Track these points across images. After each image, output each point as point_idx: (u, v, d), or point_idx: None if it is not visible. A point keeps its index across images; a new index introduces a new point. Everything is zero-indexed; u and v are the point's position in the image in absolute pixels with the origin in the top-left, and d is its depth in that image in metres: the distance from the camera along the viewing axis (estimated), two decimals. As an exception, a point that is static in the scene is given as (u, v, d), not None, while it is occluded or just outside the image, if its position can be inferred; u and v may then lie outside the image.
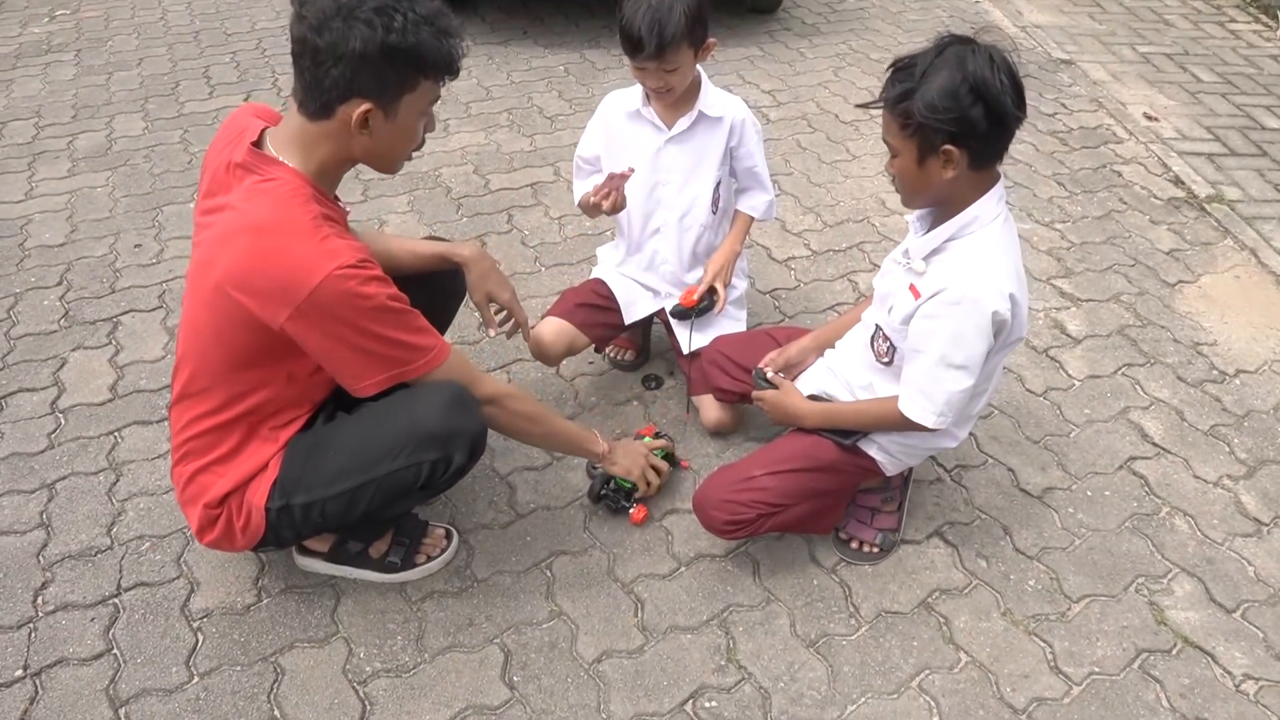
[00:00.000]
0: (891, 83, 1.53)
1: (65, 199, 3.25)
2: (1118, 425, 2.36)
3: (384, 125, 1.45)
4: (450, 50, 1.45)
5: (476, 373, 1.67)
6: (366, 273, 1.41)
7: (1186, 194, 3.39)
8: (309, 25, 1.36)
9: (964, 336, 1.58)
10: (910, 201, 1.66)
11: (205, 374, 1.56)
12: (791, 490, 1.78)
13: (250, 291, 1.42)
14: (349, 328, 1.43)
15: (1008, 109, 1.48)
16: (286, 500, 1.62)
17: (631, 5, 1.90)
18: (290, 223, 1.41)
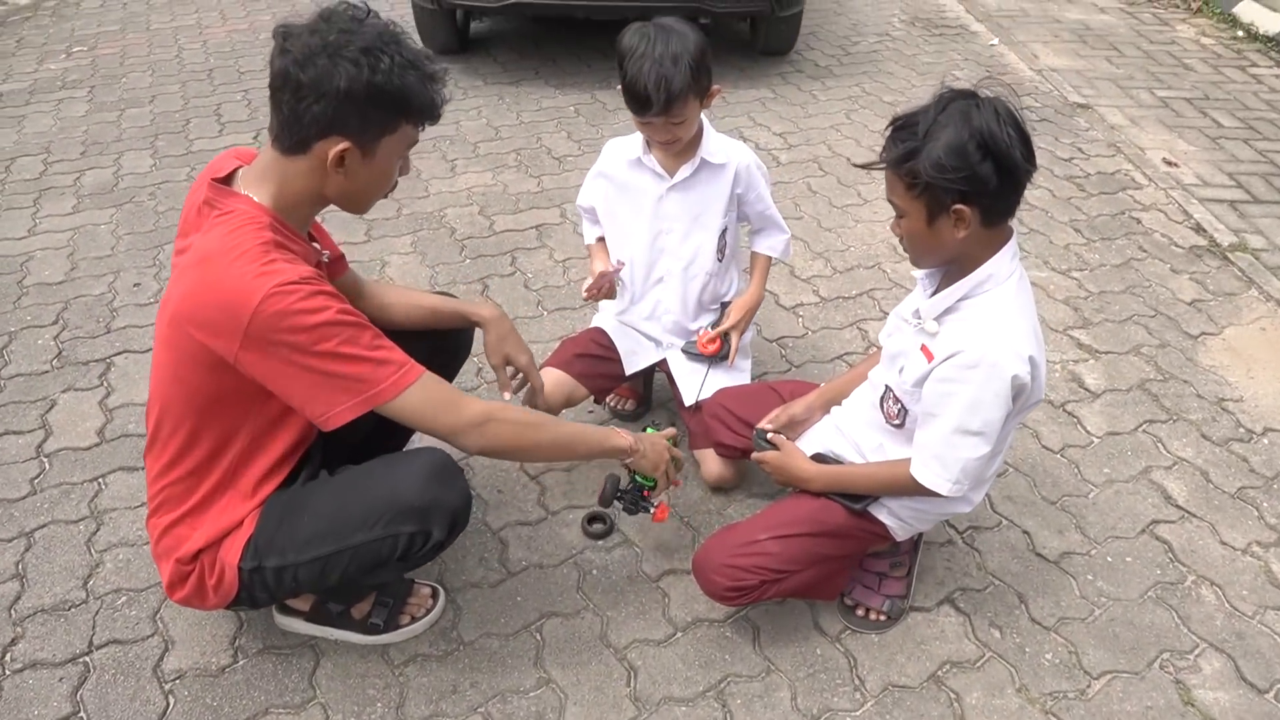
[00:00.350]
0: (893, 142, 1.46)
1: (68, 236, 3.23)
2: (1139, 486, 2.26)
3: (360, 165, 1.41)
4: (434, 95, 1.42)
5: (458, 394, 1.49)
6: (310, 287, 1.32)
7: (1209, 242, 3.30)
8: (293, 59, 1.32)
9: (982, 402, 1.49)
10: (919, 262, 1.60)
11: (170, 417, 1.50)
12: (797, 556, 1.69)
13: (199, 324, 1.36)
14: (298, 350, 1.32)
15: (1018, 163, 1.41)
16: (259, 561, 1.55)
17: (634, 62, 1.84)
18: (234, 249, 1.34)
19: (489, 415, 1.48)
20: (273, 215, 1.41)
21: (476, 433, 1.47)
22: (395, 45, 1.36)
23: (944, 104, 1.42)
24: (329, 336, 1.33)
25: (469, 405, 1.48)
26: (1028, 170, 1.43)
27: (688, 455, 2.28)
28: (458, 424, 1.45)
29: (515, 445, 1.55)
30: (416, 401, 1.41)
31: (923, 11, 5.61)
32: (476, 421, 1.46)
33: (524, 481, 2.23)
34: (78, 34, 5.15)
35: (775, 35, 4.69)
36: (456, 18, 4.64)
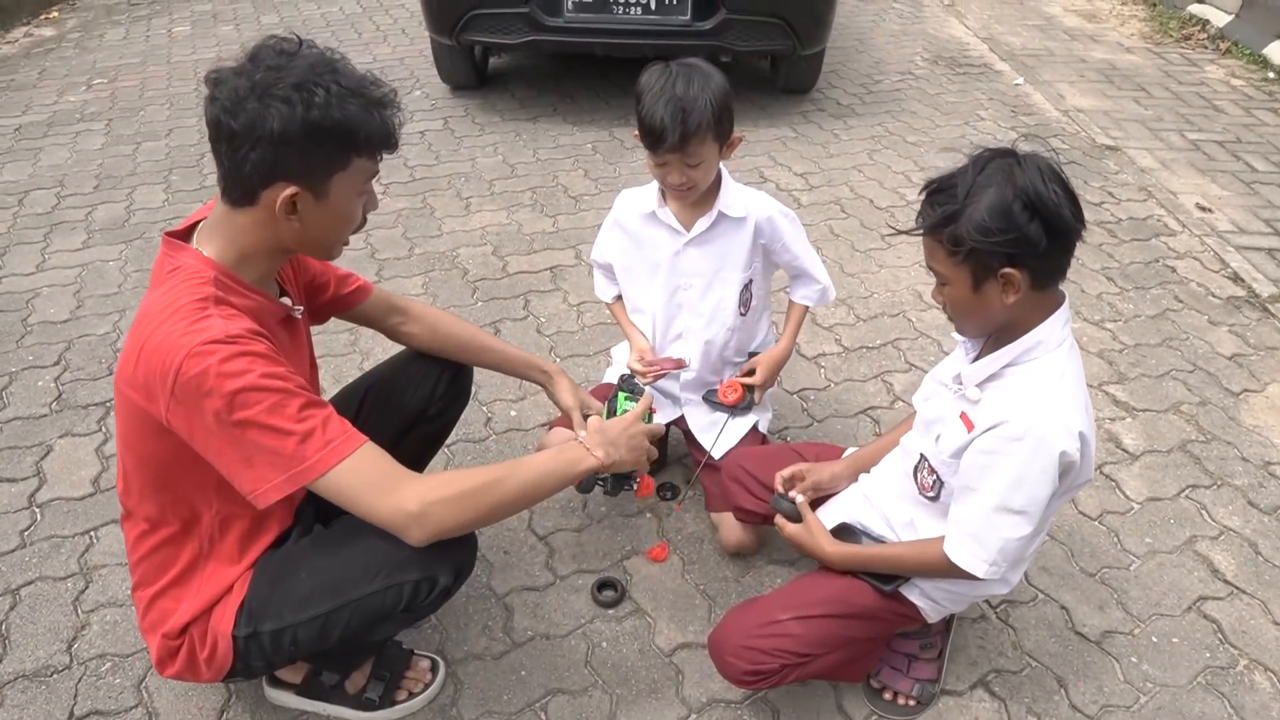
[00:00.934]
0: (930, 206, 1.37)
1: (76, 272, 3.18)
2: (1183, 558, 2.13)
3: (314, 209, 1.31)
4: (383, 122, 1.29)
5: (396, 474, 1.30)
6: (236, 348, 1.21)
7: (1247, 293, 3.17)
8: (222, 107, 1.23)
9: (1026, 479, 1.38)
10: (965, 330, 1.50)
11: (133, 487, 1.42)
12: (822, 639, 1.58)
13: (134, 386, 1.27)
14: (218, 417, 1.20)
15: (1068, 222, 1.31)
16: (255, 627, 1.44)
17: (652, 96, 1.76)
18: (170, 306, 1.25)
19: (425, 500, 1.28)
20: (220, 269, 1.31)
21: (416, 525, 1.28)
22: (331, 75, 1.25)
23: (982, 164, 1.34)
24: (248, 404, 1.20)
25: (404, 489, 1.28)
26: (1078, 229, 1.34)
27: (705, 516, 2.17)
28: (392, 513, 1.28)
29: (469, 520, 1.35)
30: (345, 481, 1.25)
31: (945, 50, 5.54)
32: (413, 511, 1.27)
33: (531, 542, 2.13)
34: (99, 66, 5.17)
35: (797, 74, 4.62)
36: (475, 54, 4.61)
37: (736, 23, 4.02)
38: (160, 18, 6.01)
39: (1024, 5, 6.51)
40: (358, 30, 5.69)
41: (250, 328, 1.27)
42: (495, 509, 1.38)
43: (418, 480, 1.31)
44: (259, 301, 1.37)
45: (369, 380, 1.89)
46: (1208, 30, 5.78)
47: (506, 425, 2.49)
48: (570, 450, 1.48)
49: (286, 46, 1.26)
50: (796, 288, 2.14)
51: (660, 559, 2.08)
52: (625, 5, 3.99)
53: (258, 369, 1.22)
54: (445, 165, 3.99)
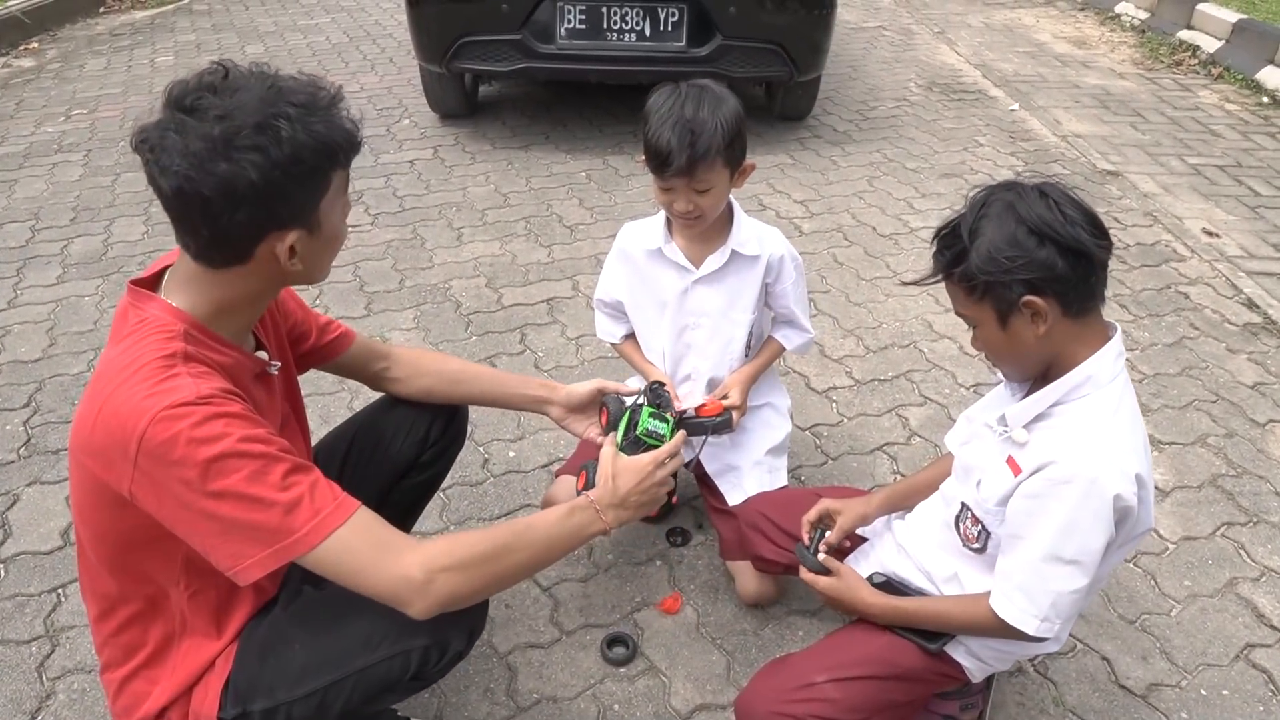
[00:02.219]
0: (939, 253, 1.33)
1: (49, 309, 3.03)
2: (1225, 601, 2.01)
3: (311, 243, 1.19)
4: (345, 127, 1.17)
5: (396, 541, 1.17)
6: (209, 410, 1.07)
7: (1263, 319, 3.09)
8: (183, 177, 1.06)
9: (1078, 525, 1.27)
10: (1009, 373, 1.41)
11: (89, 563, 1.27)
12: (862, 703, 1.44)
13: (92, 453, 1.13)
14: (190, 487, 1.06)
15: (1084, 241, 1.23)
16: (243, 707, 1.29)
17: (659, 117, 1.65)
18: (132, 364, 1.11)
19: (430, 568, 1.15)
20: (191, 322, 1.18)
21: (420, 595, 1.15)
22: (281, 99, 1.11)
23: (982, 201, 1.29)
24: (227, 472, 1.07)
25: (406, 557, 1.15)
26: (1099, 246, 1.25)
27: (719, 564, 2.04)
28: (395, 583, 1.14)
29: (477, 589, 1.22)
30: (338, 553, 1.12)
31: (939, 77, 5.51)
32: (417, 580, 1.14)
33: (535, 595, 1.99)
34: (79, 96, 5.05)
35: (793, 100, 4.56)
36: (465, 82, 4.52)
37: (733, 49, 3.95)
38: (143, 48, 5.90)
39: (1014, 32, 6.52)
40: (345, 60, 5.60)
41: (223, 387, 1.13)
42: (504, 578, 1.26)
43: (420, 547, 1.18)
44: (234, 358, 1.23)
45: (354, 428, 1.74)
46: (1199, 56, 5.78)
47: (505, 467, 2.36)
48: (578, 515, 1.35)
49: (215, 81, 1.11)
50: (780, 328, 1.99)
51: (673, 611, 1.95)
52: (619, 31, 3.91)
53: (235, 432, 1.08)
54: (436, 195, 3.88)
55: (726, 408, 1.85)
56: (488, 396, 1.79)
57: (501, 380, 1.83)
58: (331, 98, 1.17)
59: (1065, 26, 6.70)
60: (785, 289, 1.91)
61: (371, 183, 3.97)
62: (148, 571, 1.25)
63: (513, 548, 1.26)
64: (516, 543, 1.27)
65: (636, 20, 3.89)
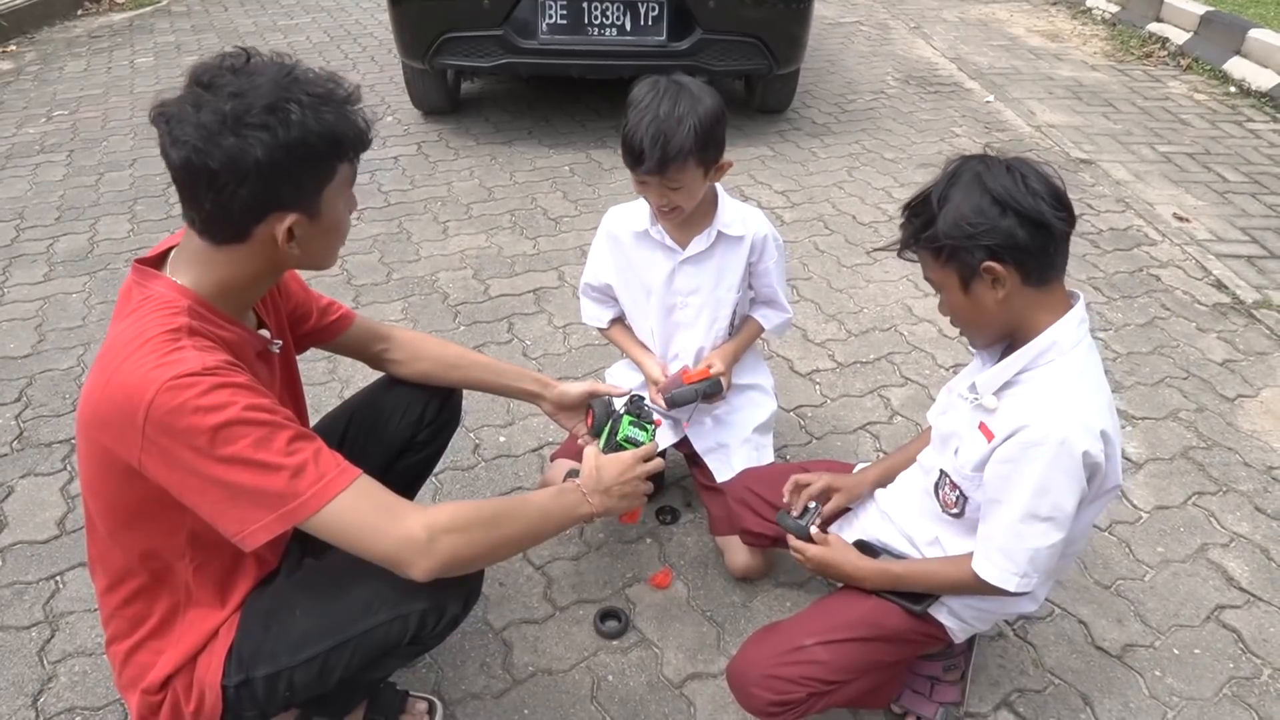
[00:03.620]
0: (908, 221, 1.39)
1: (37, 306, 3.04)
2: (1197, 566, 2.08)
3: (311, 229, 1.22)
4: (358, 122, 1.22)
5: (398, 505, 1.20)
6: (215, 379, 1.11)
7: (1232, 299, 3.18)
8: (192, 148, 1.10)
9: (1051, 483, 1.33)
10: (975, 339, 1.46)
11: (97, 535, 1.31)
12: (849, 664, 1.49)
13: (99, 425, 1.16)
14: (198, 453, 1.10)
15: (1044, 213, 1.29)
16: (247, 673, 1.33)
17: (637, 114, 1.68)
18: (137, 338, 1.15)
19: (433, 528, 1.18)
20: (195, 298, 1.21)
21: (424, 555, 1.17)
22: (297, 86, 1.15)
23: (953, 172, 1.35)
24: (233, 439, 1.10)
25: (409, 519, 1.18)
26: (1059, 218, 1.31)
27: (708, 539, 2.09)
28: (398, 544, 1.17)
29: (477, 554, 1.26)
30: (342, 516, 1.15)
31: (915, 70, 5.59)
32: (421, 539, 1.17)
33: (528, 573, 2.03)
34: (59, 98, 5.03)
35: (772, 94, 4.62)
36: (447, 78, 4.55)
37: (712, 43, 4.01)
38: (122, 49, 5.89)
39: (988, 27, 6.61)
40: (326, 59, 5.61)
41: (227, 359, 1.17)
42: (502, 545, 1.30)
43: (424, 509, 1.21)
44: (237, 334, 1.27)
45: (352, 407, 1.78)
46: (1168, 47, 5.90)
47: (496, 451, 2.40)
48: (568, 496, 1.42)
49: (237, 63, 1.15)
50: (759, 308, 2.04)
51: (664, 586, 2.00)
52: (600, 26, 3.96)
53: (240, 400, 1.12)
54: (421, 190, 3.92)
55: (714, 374, 1.90)
56: (483, 384, 1.83)
57: (498, 369, 1.86)
58: (347, 94, 1.21)
59: (1038, 20, 6.80)
60: (768, 267, 1.96)
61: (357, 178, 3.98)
62: (154, 544, 1.28)
63: (511, 516, 1.31)
64: (515, 512, 1.32)
65: (617, 15, 3.94)
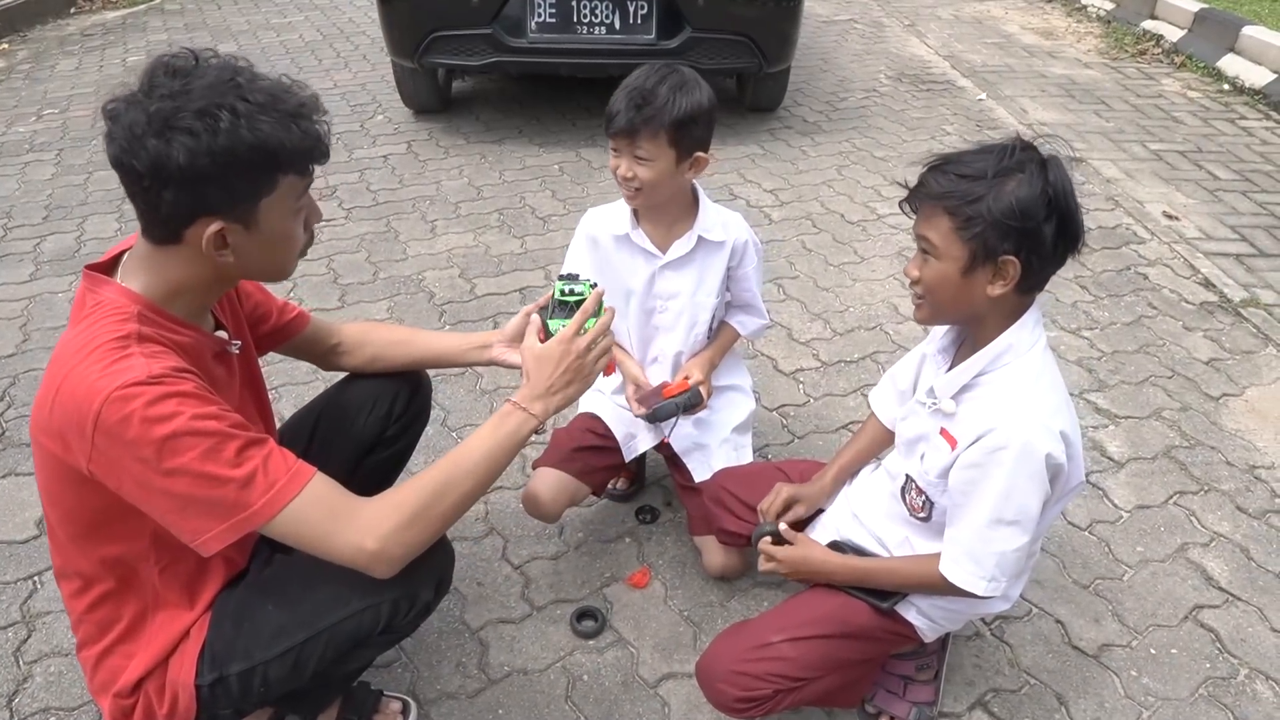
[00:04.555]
0: (944, 174, 1.30)
1: (22, 305, 3.04)
2: (1176, 566, 2.08)
3: (247, 239, 1.20)
4: (304, 134, 1.17)
5: (347, 507, 1.19)
6: (162, 388, 1.10)
7: (1219, 298, 3.17)
8: (119, 147, 1.10)
9: (1016, 488, 1.32)
10: (933, 316, 1.42)
11: (59, 542, 1.30)
12: (816, 661, 1.50)
13: (51, 434, 1.16)
14: (147, 465, 1.09)
15: (1079, 232, 1.29)
16: (220, 671, 1.33)
17: (626, 82, 1.71)
18: (86, 345, 1.14)
19: (380, 534, 1.18)
20: (146, 303, 1.20)
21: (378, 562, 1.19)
22: (236, 92, 1.12)
23: (1012, 150, 1.29)
24: (180, 450, 1.09)
25: (357, 525, 1.18)
26: (1079, 242, 1.31)
27: (687, 539, 2.09)
28: (352, 553, 1.18)
29: (429, 536, 1.25)
30: (294, 523, 1.15)
31: (908, 68, 5.58)
32: (372, 549, 1.17)
33: (506, 572, 2.03)
34: (50, 96, 5.03)
35: (763, 92, 4.62)
36: (438, 77, 4.55)
37: (702, 41, 4.00)
38: (114, 48, 5.88)
39: (982, 25, 6.60)
40: (318, 57, 5.61)
41: (176, 365, 1.15)
42: (451, 512, 1.28)
43: (369, 510, 1.21)
44: (192, 337, 1.26)
45: (319, 406, 1.77)
46: (1162, 45, 5.88)
47: (477, 451, 2.40)
48: (508, 422, 1.33)
49: (181, 65, 1.13)
50: (736, 314, 2.02)
51: (642, 585, 2.00)
52: (589, 25, 3.95)
53: (187, 410, 1.11)
54: (409, 189, 3.91)
55: (693, 385, 1.89)
56: (431, 353, 1.76)
57: (442, 337, 1.84)
58: (297, 105, 1.18)
59: (1033, 18, 6.79)
60: (747, 273, 1.95)
61: (345, 177, 3.99)
62: (117, 548, 1.28)
63: (452, 482, 1.27)
64: (454, 475, 1.27)
65: (606, 13, 3.93)
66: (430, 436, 2.39)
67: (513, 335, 1.72)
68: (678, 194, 1.83)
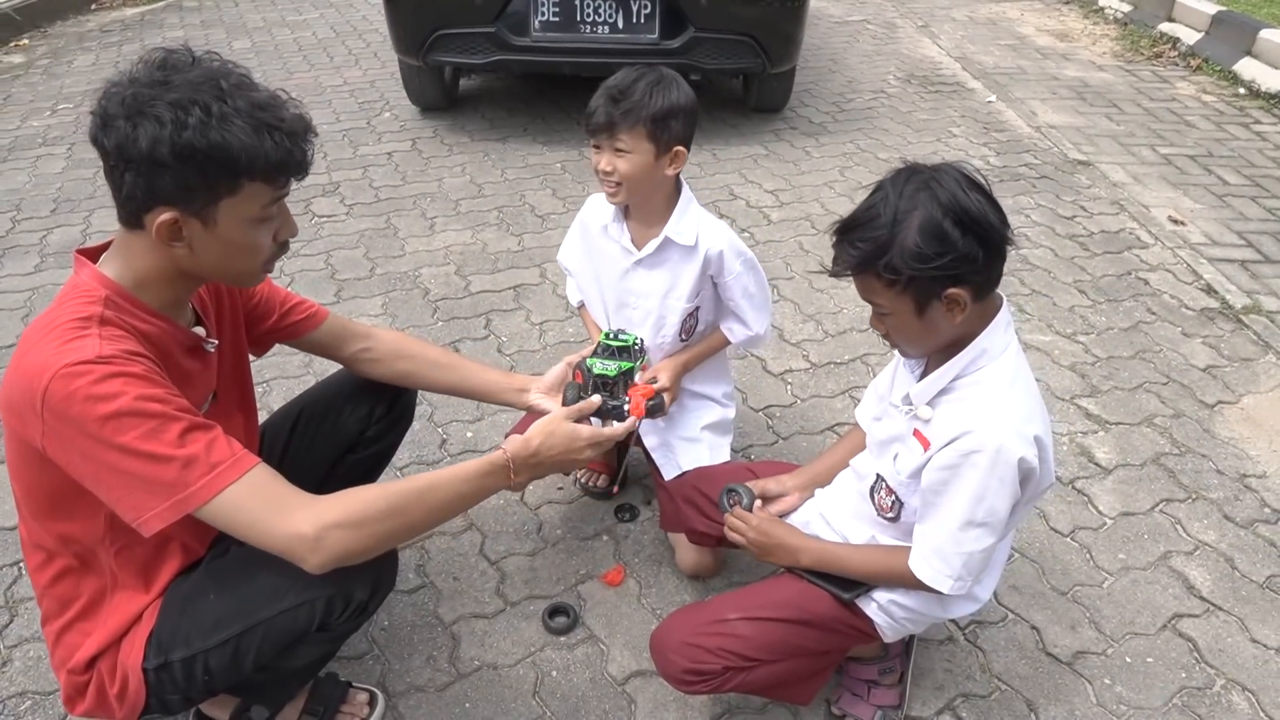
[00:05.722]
0: (850, 244, 1.29)
1: (25, 296, 3.10)
2: (1158, 574, 2.06)
3: (203, 236, 1.21)
4: (275, 145, 1.18)
5: (289, 497, 1.20)
6: (109, 369, 1.12)
7: (1220, 304, 3.13)
8: (97, 124, 1.16)
9: (988, 491, 1.32)
10: (910, 352, 1.44)
11: (24, 516, 1.34)
12: (770, 643, 1.49)
13: (9, 409, 1.19)
14: (92, 440, 1.12)
15: (996, 228, 1.26)
16: (165, 657, 1.35)
17: (605, 84, 1.73)
18: (48, 325, 1.18)
19: (321, 523, 1.18)
20: (116, 289, 1.23)
21: (312, 551, 1.17)
22: (215, 94, 1.14)
23: (898, 186, 1.27)
24: (124, 429, 1.12)
25: (299, 513, 1.18)
26: (1007, 234, 1.29)
27: (664, 538, 2.09)
28: (287, 539, 1.17)
29: (370, 546, 1.24)
30: (232, 507, 1.16)
31: (918, 70, 5.55)
32: (308, 534, 1.17)
33: (483, 568, 2.04)
34: (66, 91, 5.11)
35: (768, 92, 4.61)
36: (445, 75, 4.57)
37: (705, 41, 4.00)
38: (132, 44, 5.96)
39: (997, 26, 6.55)
40: (330, 54, 5.66)
41: (129, 349, 1.18)
42: (397, 535, 1.29)
43: (315, 502, 1.21)
44: (159, 327, 1.28)
45: (303, 402, 1.80)
46: (1179, 48, 5.81)
47: (462, 446, 2.41)
48: (492, 478, 1.39)
49: (176, 60, 1.17)
50: (728, 320, 2.00)
51: (616, 583, 2.00)
52: (592, 24, 3.96)
53: (132, 390, 1.13)
54: (412, 186, 3.94)
55: (657, 390, 1.89)
56: (470, 385, 1.79)
57: (482, 370, 1.83)
58: (282, 119, 1.19)
59: (1049, 20, 6.73)
60: (728, 283, 1.90)
61: (349, 174, 4.03)
62: (74, 526, 1.31)
63: (410, 508, 1.28)
64: (416, 503, 1.29)
65: (609, 13, 3.94)
66: (415, 431, 2.40)
67: (551, 384, 1.77)
68: (659, 192, 1.84)
